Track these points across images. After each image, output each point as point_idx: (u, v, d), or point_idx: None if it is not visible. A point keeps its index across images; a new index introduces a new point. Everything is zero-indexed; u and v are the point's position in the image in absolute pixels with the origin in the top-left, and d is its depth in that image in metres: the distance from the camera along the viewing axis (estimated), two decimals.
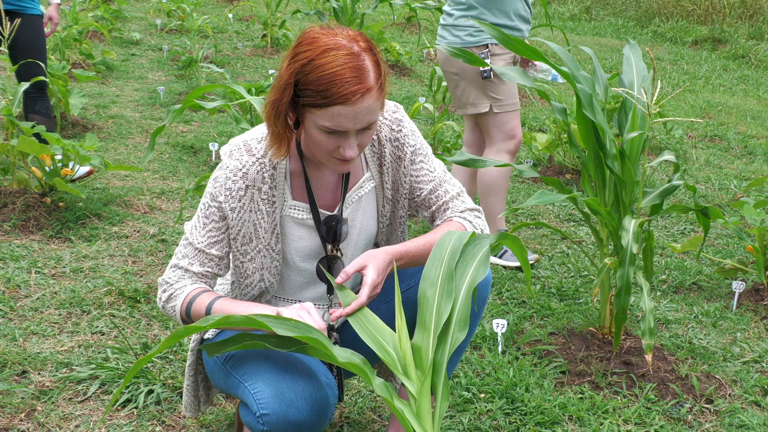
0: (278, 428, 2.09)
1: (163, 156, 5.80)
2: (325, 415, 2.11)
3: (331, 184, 2.32)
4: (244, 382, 2.15)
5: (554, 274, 4.27)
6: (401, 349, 1.94)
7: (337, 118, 2.03)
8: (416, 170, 2.35)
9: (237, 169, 2.18)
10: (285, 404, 2.06)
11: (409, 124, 2.34)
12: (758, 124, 8.71)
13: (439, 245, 2.00)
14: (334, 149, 2.10)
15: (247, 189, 2.19)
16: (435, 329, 1.92)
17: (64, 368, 2.97)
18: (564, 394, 3.08)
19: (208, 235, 2.22)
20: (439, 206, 2.36)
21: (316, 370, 2.13)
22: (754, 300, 4.05)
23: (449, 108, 4.67)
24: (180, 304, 2.19)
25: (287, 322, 1.82)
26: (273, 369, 2.11)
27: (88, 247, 4.08)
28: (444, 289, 1.95)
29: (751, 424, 2.99)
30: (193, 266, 2.23)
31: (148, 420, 2.72)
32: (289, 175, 2.26)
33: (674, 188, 3.22)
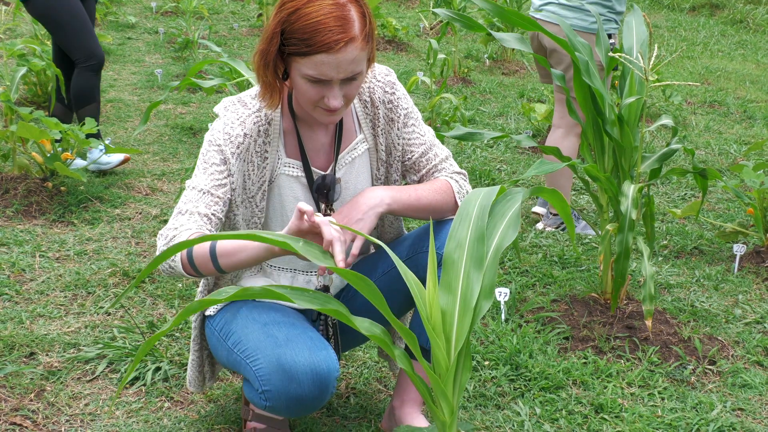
0: (280, 403, 2.11)
1: (163, 138, 5.81)
2: (326, 389, 2.12)
3: (324, 144, 2.34)
4: (245, 359, 2.16)
5: (556, 242, 4.29)
6: (430, 312, 1.85)
7: (320, 67, 2.05)
8: (408, 133, 2.37)
9: (235, 118, 2.21)
10: (286, 379, 2.08)
11: (401, 88, 2.37)
12: (757, 89, 8.70)
13: (466, 202, 1.93)
14: (318, 99, 2.12)
15: (245, 137, 2.21)
16: (463, 295, 1.84)
17: (72, 349, 3.00)
18: (567, 359, 3.11)
19: (211, 177, 2.20)
20: (429, 169, 2.39)
21: (317, 344, 2.14)
22: (755, 262, 4.07)
23: (540, 80, 4.66)
24: (179, 256, 2.11)
25: (305, 293, 1.80)
26: (273, 345, 2.12)
27: (91, 229, 4.10)
28: (473, 253, 1.86)
29: (754, 383, 3.02)
30: (199, 207, 2.17)
31: (157, 397, 2.75)
32: (283, 133, 2.28)
33: (672, 152, 3.24)
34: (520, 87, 8.08)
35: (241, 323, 2.24)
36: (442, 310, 1.84)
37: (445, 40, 9.76)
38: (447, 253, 1.87)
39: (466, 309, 1.83)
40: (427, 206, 2.30)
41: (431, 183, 2.36)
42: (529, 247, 4.20)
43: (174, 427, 2.58)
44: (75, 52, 4.79)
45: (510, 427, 2.69)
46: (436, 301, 1.84)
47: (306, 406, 2.14)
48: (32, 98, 6.22)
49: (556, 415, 2.77)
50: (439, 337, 1.83)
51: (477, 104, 7.24)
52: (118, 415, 2.64)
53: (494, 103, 7.40)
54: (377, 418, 2.69)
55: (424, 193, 2.31)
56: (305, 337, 2.15)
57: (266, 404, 2.12)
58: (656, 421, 2.76)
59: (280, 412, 2.18)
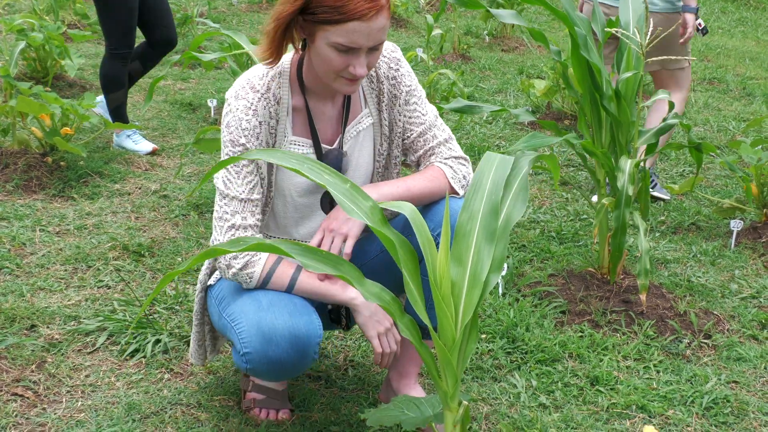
0: (260, 366, 2.15)
1: (162, 114, 5.81)
2: (305, 353, 2.16)
3: (332, 118, 2.35)
4: (231, 323, 2.21)
5: (554, 218, 4.30)
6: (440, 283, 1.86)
7: (352, 35, 2.07)
8: (410, 111, 2.38)
9: (246, 108, 2.22)
10: (265, 342, 2.12)
11: (406, 65, 2.37)
12: (757, 66, 8.69)
13: (479, 172, 1.94)
14: (343, 68, 2.14)
15: (261, 125, 2.24)
16: (473, 268, 1.85)
17: (72, 321, 3.02)
18: (564, 333, 3.13)
19: (245, 181, 2.24)
20: (426, 151, 2.39)
21: (299, 309, 2.18)
22: (752, 238, 4.09)
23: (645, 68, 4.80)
24: (259, 272, 2.21)
25: (317, 253, 1.82)
26: (256, 309, 2.16)
27: (91, 204, 4.11)
28: (486, 226, 1.87)
29: (749, 356, 3.04)
30: (247, 219, 2.24)
31: (157, 369, 2.78)
32: (291, 111, 2.30)
33: (669, 127, 3.25)
34: (520, 63, 8.07)
35: (233, 289, 2.28)
36: (451, 281, 1.86)
37: (444, 16, 9.74)
38: (460, 224, 1.89)
39: (475, 282, 1.85)
40: (419, 195, 2.31)
41: (423, 171, 2.37)
42: (527, 222, 4.22)
43: (174, 398, 2.61)
44: (110, 37, 4.84)
45: (506, 399, 2.72)
46: (447, 272, 1.85)
47: (286, 370, 2.18)
48: (31, 73, 6.21)
49: (552, 387, 2.80)
50: (448, 308, 1.85)
51: (476, 81, 7.23)
52: (118, 386, 2.67)
53: (493, 79, 7.39)
54: (375, 389, 2.72)
55: (414, 182, 2.31)
56: (288, 303, 2.18)
57: (247, 366, 2.17)
58: (651, 393, 2.79)
59: (261, 375, 2.23)
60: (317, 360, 2.25)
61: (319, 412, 2.58)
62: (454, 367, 1.87)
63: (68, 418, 2.48)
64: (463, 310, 1.85)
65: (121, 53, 4.84)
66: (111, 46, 4.84)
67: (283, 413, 2.52)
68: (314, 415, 2.55)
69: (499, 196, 1.89)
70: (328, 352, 2.95)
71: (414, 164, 2.45)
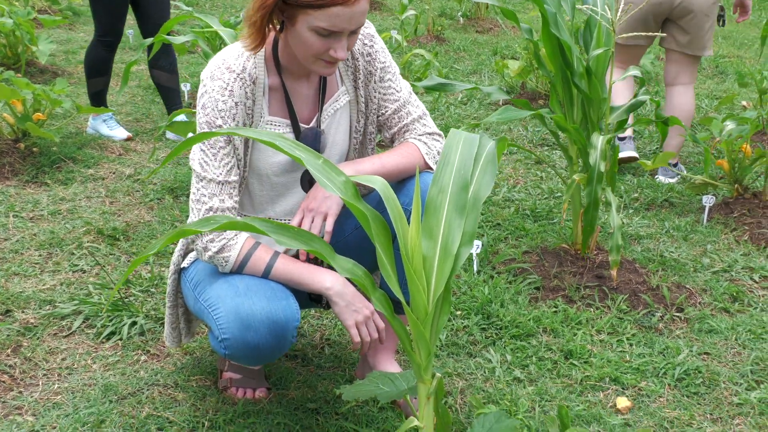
0: (238, 351, 2.15)
1: (136, 99, 5.79)
2: (284, 338, 2.16)
3: (308, 97, 2.35)
4: (208, 308, 2.20)
5: (528, 196, 4.33)
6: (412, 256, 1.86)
7: (334, 19, 2.07)
8: (384, 88, 2.39)
9: (222, 88, 2.21)
10: (243, 328, 2.11)
11: (379, 41, 2.38)
12: (729, 44, 8.75)
13: (447, 147, 1.95)
14: (324, 51, 2.14)
15: (237, 106, 2.22)
16: (444, 241, 1.86)
17: (48, 305, 3.02)
18: (538, 308, 3.16)
19: (222, 163, 2.24)
20: (401, 128, 2.40)
21: (276, 294, 2.17)
22: (724, 213, 4.13)
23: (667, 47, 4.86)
24: (234, 256, 2.21)
25: (289, 230, 1.83)
26: (233, 294, 2.16)
27: (65, 189, 4.10)
28: (456, 200, 1.88)
29: (720, 329, 3.09)
30: (225, 202, 2.24)
31: (133, 350, 2.78)
32: (267, 90, 2.29)
33: (640, 103, 3.28)
34: (494, 44, 8.09)
35: (208, 274, 2.28)
36: (423, 255, 1.87)
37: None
38: (430, 198, 1.89)
39: (446, 255, 1.86)
40: (393, 171, 2.32)
41: (398, 148, 2.38)
42: (501, 201, 4.24)
43: (151, 379, 2.61)
44: (98, 24, 4.82)
45: (481, 374, 2.74)
46: (419, 246, 1.87)
47: (264, 355, 2.18)
48: (2, 60, 6.17)
49: (526, 362, 2.83)
50: (420, 281, 1.86)
51: (451, 62, 7.25)
52: (94, 368, 2.67)
53: (468, 61, 7.41)
54: (351, 367, 2.74)
55: (389, 159, 2.32)
56: (265, 287, 2.18)
57: (225, 352, 2.16)
58: (624, 365, 2.82)
59: (239, 361, 2.23)
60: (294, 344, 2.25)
61: (295, 389, 2.59)
62: (427, 339, 1.88)
63: (45, 401, 2.48)
64: (435, 283, 1.86)
65: (107, 41, 4.81)
66: (98, 33, 4.83)
67: (260, 392, 2.54)
68: (291, 393, 2.57)
69: (468, 171, 1.90)
70: (304, 331, 2.96)
71: (388, 141, 2.46)
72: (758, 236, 3.88)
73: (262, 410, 2.46)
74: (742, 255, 3.71)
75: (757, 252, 3.75)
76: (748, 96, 6.43)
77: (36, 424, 2.37)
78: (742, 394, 2.68)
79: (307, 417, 2.45)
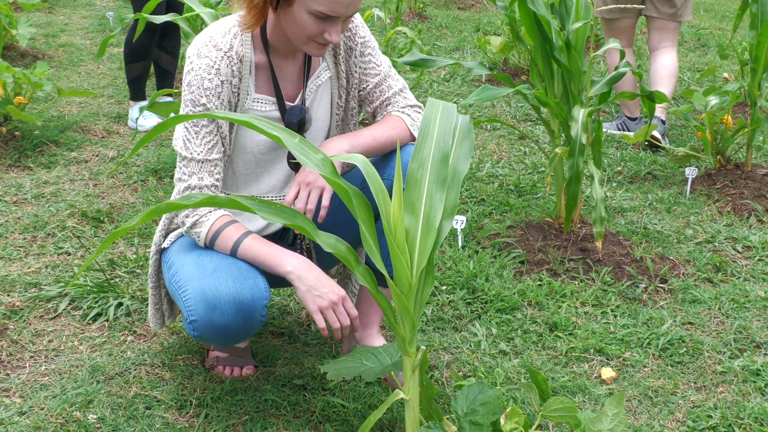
0: (207, 332, 2.15)
1: (117, 81, 5.76)
2: (252, 318, 2.16)
3: (292, 74, 2.35)
4: (178, 290, 2.21)
5: (512, 172, 4.34)
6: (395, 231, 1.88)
7: (333, 5, 2.09)
8: (365, 62, 2.39)
9: (209, 66, 2.20)
10: (209, 309, 2.12)
11: (358, 16, 2.38)
12: (711, 17, 8.76)
13: (426, 120, 1.96)
14: (318, 34, 2.14)
15: (223, 84, 2.22)
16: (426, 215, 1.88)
17: (33, 288, 3.01)
18: (523, 282, 3.18)
19: (204, 141, 2.24)
20: (382, 101, 2.41)
21: (243, 273, 2.17)
22: (706, 185, 4.16)
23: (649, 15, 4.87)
24: (205, 232, 2.22)
25: (271, 206, 1.83)
26: (200, 275, 2.16)
27: (48, 173, 4.08)
28: (436, 174, 1.89)
29: (703, 298, 3.11)
30: (204, 179, 2.25)
31: (120, 331, 2.79)
32: (254, 68, 2.29)
33: (621, 75, 3.29)
34: (476, 21, 8.07)
35: (181, 255, 2.28)
36: (405, 229, 1.88)
37: None
38: (410, 172, 1.90)
39: (429, 228, 1.87)
40: (383, 143, 2.34)
41: (384, 121, 2.40)
42: (485, 177, 4.25)
43: (138, 359, 2.62)
44: (137, 8, 4.75)
45: (467, 348, 2.76)
46: (401, 220, 1.88)
47: (232, 336, 2.18)
48: None
49: (511, 335, 2.85)
50: (403, 255, 1.87)
51: (433, 39, 7.23)
52: (81, 349, 2.68)
53: (450, 38, 7.40)
54: (338, 343, 2.75)
55: (378, 132, 2.34)
56: (233, 267, 2.18)
57: (195, 334, 2.17)
58: (609, 336, 2.85)
59: (210, 342, 2.23)
60: (266, 322, 2.25)
61: (282, 366, 2.61)
62: (411, 312, 1.90)
63: (32, 382, 2.49)
64: (418, 256, 1.88)
65: (147, 24, 4.76)
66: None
67: (247, 369, 2.55)
68: (278, 370, 2.58)
69: (448, 144, 1.91)
70: (290, 308, 2.97)
71: (370, 115, 2.47)
72: (741, 207, 3.91)
73: (250, 387, 2.47)
74: (725, 226, 3.74)
75: (739, 222, 3.78)
76: (730, 68, 6.45)
77: (24, 405, 2.37)
78: (726, 363, 2.71)
79: (295, 393, 2.47)
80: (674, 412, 2.46)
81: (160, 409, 2.38)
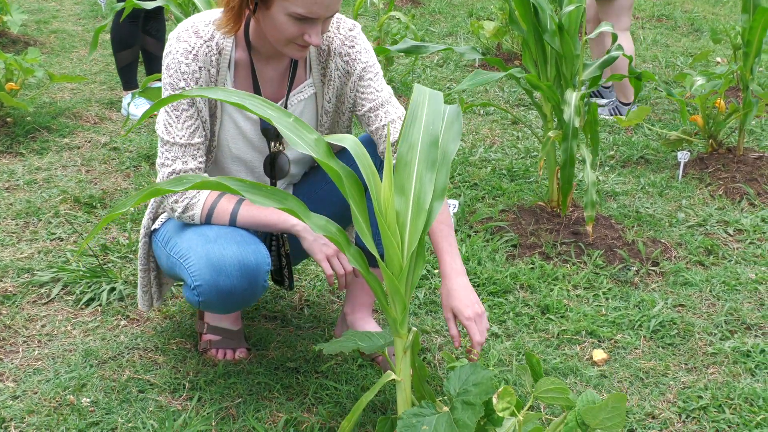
0: (212, 297, 2.17)
1: (109, 67, 5.74)
2: (255, 281, 2.19)
3: (273, 79, 2.34)
4: (179, 260, 2.22)
5: (505, 156, 4.35)
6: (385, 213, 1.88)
7: (312, 6, 2.06)
8: (363, 87, 2.35)
9: (186, 51, 2.20)
10: (215, 272, 2.14)
11: (363, 43, 2.35)
12: (704, 2, 8.76)
13: (414, 104, 1.96)
14: (298, 36, 2.12)
15: (201, 70, 2.21)
16: (416, 197, 1.89)
17: (26, 274, 3.01)
18: (515, 265, 3.19)
19: (185, 125, 2.24)
20: (378, 128, 2.36)
21: (246, 239, 2.20)
22: (699, 168, 4.17)
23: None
24: (199, 213, 2.24)
25: (261, 188, 1.83)
26: (204, 242, 2.18)
27: (40, 159, 4.08)
28: (426, 156, 1.90)
29: (695, 281, 3.13)
30: (188, 163, 2.25)
31: (113, 316, 2.79)
32: (234, 64, 2.28)
33: (613, 59, 3.29)
34: (470, 6, 8.06)
35: (179, 230, 2.29)
36: (396, 210, 1.89)
37: None
38: (400, 154, 1.91)
39: (419, 210, 1.88)
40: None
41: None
42: (478, 161, 4.26)
43: (131, 343, 2.63)
44: None
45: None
46: (391, 201, 1.88)
47: (237, 300, 2.20)
48: None
49: (504, 317, 2.86)
50: (393, 236, 1.88)
51: (426, 25, 7.22)
52: (74, 334, 2.68)
53: (443, 23, 7.38)
54: (330, 327, 2.76)
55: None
56: (235, 234, 2.21)
57: (199, 299, 2.19)
58: (600, 319, 2.86)
59: (213, 308, 2.24)
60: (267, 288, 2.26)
61: (275, 350, 2.61)
62: (402, 294, 1.90)
63: (26, 367, 2.49)
64: (408, 238, 1.89)
65: (132, 12, 4.74)
66: None
67: (239, 352, 2.56)
68: (271, 353, 2.59)
69: (437, 126, 1.91)
70: (283, 293, 2.98)
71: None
72: (732, 190, 3.92)
73: (243, 370, 2.48)
74: (716, 209, 3.75)
75: (731, 206, 3.79)
76: (723, 52, 6.45)
77: (17, 389, 2.38)
78: (716, 344, 2.72)
79: (288, 376, 2.47)
80: (665, 393, 2.48)
81: (153, 393, 2.38)
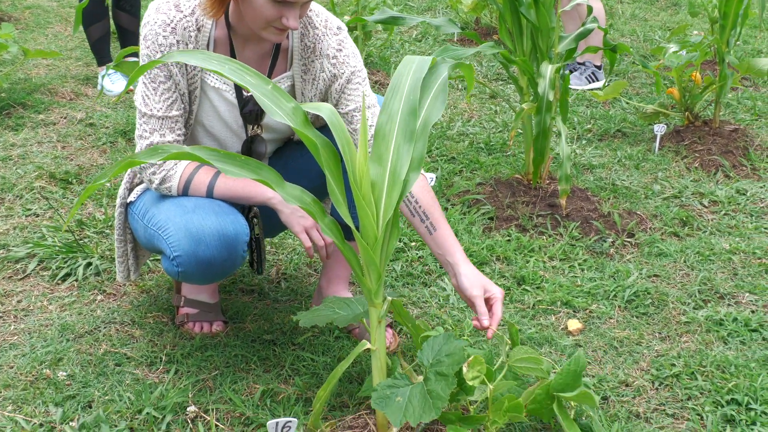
0: (191, 267, 2.17)
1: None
2: (234, 251, 2.19)
3: (251, 61, 2.32)
4: (158, 231, 2.22)
5: (482, 130, 4.35)
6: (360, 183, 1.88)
7: None
8: (350, 89, 2.33)
9: (165, 23, 2.19)
10: (194, 242, 2.14)
11: (349, 47, 2.33)
12: None
13: (398, 74, 1.95)
14: (275, 19, 2.12)
15: (178, 44, 2.20)
16: (393, 167, 1.88)
17: (1, 249, 3.00)
18: (492, 237, 3.21)
19: (163, 98, 2.23)
20: (357, 129, 2.33)
21: (224, 210, 2.20)
22: (675, 141, 4.19)
23: None
24: (176, 184, 2.23)
25: (236, 158, 1.83)
26: (182, 212, 2.18)
27: (15, 135, 4.05)
28: (404, 126, 1.89)
29: (669, 252, 3.15)
30: (166, 136, 2.24)
31: (89, 290, 2.78)
32: (213, 42, 2.27)
33: (588, 31, 3.29)
34: None
35: (156, 202, 2.28)
36: (371, 181, 1.89)
37: None
38: (379, 125, 1.91)
39: (395, 181, 1.88)
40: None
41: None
42: (456, 135, 4.26)
43: (108, 317, 2.62)
44: None
45: (436, 302, 2.79)
46: (367, 172, 1.88)
47: (216, 270, 2.20)
48: None
49: None
50: (369, 207, 1.88)
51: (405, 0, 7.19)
52: (51, 309, 2.67)
53: None
54: (307, 299, 2.77)
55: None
56: (213, 204, 2.21)
57: (178, 270, 2.19)
58: (576, 289, 2.88)
59: (193, 278, 2.24)
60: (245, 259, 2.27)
61: (252, 322, 2.62)
62: (377, 264, 1.91)
63: (1, 342, 2.49)
64: (384, 208, 1.89)
65: None
66: None
67: (216, 325, 2.56)
68: (247, 326, 2.60)
69: (417, 97, 1.91)
70: None
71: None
72: (708, 163, 3.95)
73: (219, 343, 2.49)
74: (692, 181, 3.78)
75: (707, 178, 3.82)
76: (701, 26, 6.47)
77: None
78: (690, 313, 2.75)
79: (264, 348, 2.48)
80: (639, 362, 2.50)
81: (130, 366, 2.39)
